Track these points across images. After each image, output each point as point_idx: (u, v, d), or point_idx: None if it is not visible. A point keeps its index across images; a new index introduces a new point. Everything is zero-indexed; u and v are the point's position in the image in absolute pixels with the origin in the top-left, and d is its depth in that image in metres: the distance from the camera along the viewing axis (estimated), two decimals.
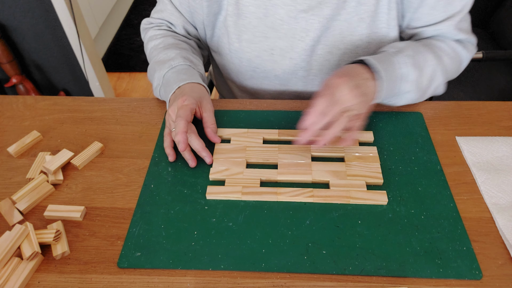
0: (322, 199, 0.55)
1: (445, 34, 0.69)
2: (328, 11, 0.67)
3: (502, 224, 0.52)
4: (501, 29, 1.33)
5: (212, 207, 0.55)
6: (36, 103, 0.74)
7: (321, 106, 0.53)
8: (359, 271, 0.48)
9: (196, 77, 0.67)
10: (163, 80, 0.67)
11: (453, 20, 0.67)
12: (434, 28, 0.68)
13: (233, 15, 0.70)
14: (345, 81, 0.55)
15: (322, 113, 0.53)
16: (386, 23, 0.69)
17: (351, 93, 0.54)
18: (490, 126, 0.66)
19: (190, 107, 0.60)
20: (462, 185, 0.57)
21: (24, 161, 0.63)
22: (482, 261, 0.49)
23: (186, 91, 0.63)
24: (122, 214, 0.55)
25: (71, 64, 1.66)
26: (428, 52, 0.64)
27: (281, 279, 0.48)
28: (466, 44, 0.70)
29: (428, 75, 0.64)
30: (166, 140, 0.62)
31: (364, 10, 0.67)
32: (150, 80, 0.73)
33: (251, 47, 0.73)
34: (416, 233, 0.51)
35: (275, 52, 0.73)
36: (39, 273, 0.49)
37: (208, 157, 0.60)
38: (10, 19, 1.51)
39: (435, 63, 0.64)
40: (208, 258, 0.50)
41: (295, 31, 0.70)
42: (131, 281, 0.48)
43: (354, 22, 0.68)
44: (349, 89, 0.54)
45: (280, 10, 0.68)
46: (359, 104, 0.55)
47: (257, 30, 0.71)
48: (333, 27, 0.69)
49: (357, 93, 0.55)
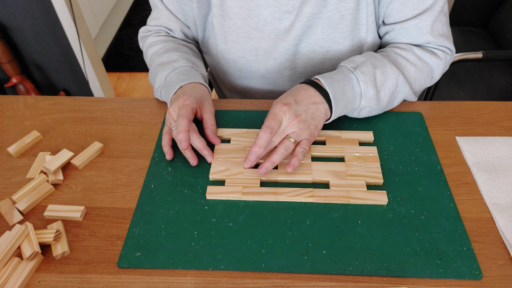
0: (322, 199, 0.55)
1: (412, 34, 0.67)
2: (309, 10, 0.67)
3: (502, 224, 0.52)
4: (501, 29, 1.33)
5: (212, 207, 0.55)
6: (36, 103, 0.74)
7: (263, 139, 0.56)
8: (359, 271, 0.48)
9: (198, 77, 0.67)
10: (165, 81, 0.67)
11: (423, 19, 0.65)
12: (402, 26, 0.66)
13: (218, 16, 0.71)
14: (287, 110, 0.57)
15: (264, 146, 0.57)
16: (366, 19, 0.68)
17: (292, 122, 0.57)
18: (491, 126, 0.66)
19: (191, 106, 0.60)
20: (462, 185, 0.57)
21: (24, 161, 0.63)
22: (482, 262, 0.49)
23: (188, 90, 0.63)
24: (122, 214, 0.55)
25: (71, 64, 1.66)
26: (389, 65, 0.63)
27: (281, 279, 0.48)
28: (436, 50, 0.68)
29: (389, 88, 0.63)
30: (165, 139, 0.62)
31: (345, 8, 0.67)
32: (152, 83, 0.73)
33: (236, 48, 0.74)
34: (416, 233, 0.51)
35: (259, 53, 0.74)
36: (39, 273, 0.49)
37: (209, 156, 0.60)
38: (10, 19, 1.51)
39: (396, 76, 0.63)
40: (208, 258, 0.50)
41: (278, 32, 0.70)
42: (131, 281, 0.48)
43: (336, 20, 0.68)
44: (290, 118, 0.57)
45: (264, 11, 0.69)
46: (299, 131, 0.58)
47: (241, 31, 0.72)
48: (315, 26, 0.69)
49: (298, 120, 0.57)
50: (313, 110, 0.59)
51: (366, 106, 0.63)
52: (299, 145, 0.58)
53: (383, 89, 0.62)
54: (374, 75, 0.61)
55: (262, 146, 0.56)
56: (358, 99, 0.62)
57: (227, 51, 0.75)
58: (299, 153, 0.57)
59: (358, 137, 0.63)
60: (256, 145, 0.56)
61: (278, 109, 0.57)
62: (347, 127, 0.66)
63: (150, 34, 0.79)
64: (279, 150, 0.57)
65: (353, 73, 0.61)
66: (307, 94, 0.59)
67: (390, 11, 0.67)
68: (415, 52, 0.66)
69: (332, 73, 0.62)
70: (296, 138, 0.58)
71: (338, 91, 0.60)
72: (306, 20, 0.68)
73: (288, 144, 0.57)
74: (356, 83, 0.61)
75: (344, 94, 0.60)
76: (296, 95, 0.59)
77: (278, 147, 0.57)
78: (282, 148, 0.57)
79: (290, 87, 0.79)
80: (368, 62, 0.62)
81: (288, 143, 0.57)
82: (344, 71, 0.62)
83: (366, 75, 0.61)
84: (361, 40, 0.71)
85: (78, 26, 1.51)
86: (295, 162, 0.57)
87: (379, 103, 0.63)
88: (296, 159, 0.57)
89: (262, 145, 0.56)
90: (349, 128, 0.66)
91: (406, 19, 0.66)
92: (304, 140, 0.58)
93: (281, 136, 0.58)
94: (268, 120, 0.57)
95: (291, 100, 0.58)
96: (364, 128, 0.66)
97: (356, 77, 0.61)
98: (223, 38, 0.73)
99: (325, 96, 0.59)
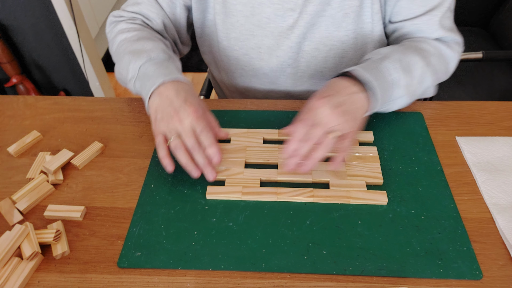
0: (322, 199, 0.55)
1: (424, 30, 0.67)
2: (313, 8, 0.67)
3: (502, 224, 0.52)
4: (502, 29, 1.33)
5: (213, 207, 0.55)
6: (36, 102, 0.74)
7: (300, 132, 0.53)
8: (360, 272, 0.48)
9: (177, 73, 0.61)
10: (138, 72, 0.61)
11: (433, 15, 0.65)
12: (412, 22, 0.67)
13: (221, 14, 0.71)
14: (325, 102, 0.53)
15: (303, 139, 0.53)
16: (371, 18, 0.68)
17: (333, 113, 0.52)
18: (491, 126, 0.66)
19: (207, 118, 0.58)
20: (462, 186, 0.57)
21: (24, 161, 0.63)
22: (482, 262, 0.49)
23: (185, 96, 0.57)
24: (122, 214, 0.55)
25: (71, 64, 1.66)
26: (414, 54, 0.62)
27: (281, 279, 0.48)
28: (450, 43, 0.68)
29: (417, 77, 0.62)
30: (162, 150, 0.56)
31: (349, 5, 0.67)
32: (120, 72, 0.66)
33: (239, 45, 0.74)
34: (417, 233, 0.51)
35: (262, 50, 0.74)
36: (39, 273, 0.49)
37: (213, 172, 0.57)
38: (10, 19, 1.51)
39: (423, 65, 0.62)
40: (208, 258, 0.50)
41: (282, 29, 0.70)
42: (131, 281, 0.48)
43: (339, 18, 0.68)
44: (330, 109, 0.53)
45: (266, 9, 0.69)
46: (343, 123, 0.53)
47: (244, 28, 0.71)
48: (319, 23, 0.69)
49: (339, 112, 0.53)
50: (352, 100, 0.55)
51: (400, 96, 0.61)
52: (344, 139, 0.54)
53: (412, 77, 0.61)
54: (403, 64, 0.60)
55: (297, 140, 0.53)
56: (391, 89, 0.59)
57: (229, 48, 0.75)
58: (345, 148, 0.54)
59: (358, 137, 0.63)
60: (291, 140, 0.53)
61: (314, 102, 0.54)
62: None
63: (122, 20, 0.72)
64: (320, 147, 0.53)
65: (383, 63, 0.59)
66: (343, 85, 0.56)
67: (399, 9, 0.67)
68: (431, 44, 0.66)
69: (361, 65, 0.59)
70: (339, 131, 0.53)
71: (374, 79, 0.57)
72: (310, 18, 0.68)
73: (330, 140, 0.53)
74: (388, 72, 0.58)
75: (380, 83, 0.57)
76: (334, 87, 0.56)
77: (320, 143, 0.53)
78: (324, 144, 0.53)
79: (291, 85, 0.79)
80: (395, 52, 0.62)
81: (330, 139, 0.53)
82: (373, 63, 0.60)
83: (396, 64, 0.59)
84: (364, 38, 0.71)
85: (78, 26, 1.51)
86: (340, 158, 0.54)
87: (410, 92, 0.62)
88: (341, 155, 0.54)
89: (297, 139, 0.53)
90: None
91: (415, 16, 0.66)
92: (349, 134, 0.54)
93: (322, 128, 0.53)
94: (304, 113, 0.54)
95: (329, 92, 0.55)
96: (364, 128, 0.66)
97: (387, 66, 0.59)
98: (226, 36, 0.73)
99: (361, 86, 0.56)
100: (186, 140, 0.55)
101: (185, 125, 0.55)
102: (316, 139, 0.53)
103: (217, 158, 0.56)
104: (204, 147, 0.56)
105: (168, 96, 0.57)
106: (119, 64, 0.66)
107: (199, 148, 0.55)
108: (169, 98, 0.56)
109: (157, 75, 0.59)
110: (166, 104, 0.56)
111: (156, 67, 0.60)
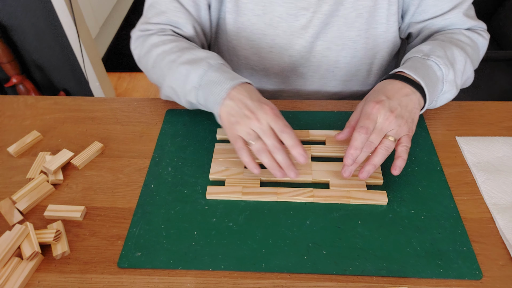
0: (322, 199, 0.55)
1: (455, 23, 0.68)
2: (327, 7, 0.67)
3: (502, 224, 0.52)
4: (502, 29, 1.33)
5: (213, 207, 0.55)
6: (36, 102, 0.74)
7: (359, 140, 0.52)
8: (360, 272, 0.48)
9: (240, 76, 0.59)
10: (201, 80, 0.58)
11: (461, 8, 0.67)
12: (442, 18, 0.68)
13: (233, 12, 0.70)
14: (381, 107, 0.53)
15: (361, 147, 0.53)
16: (386, 19, 0.68)
17: (390, 117, 0.53)
18: (491, 126, 0.66)
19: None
20: (462, 186, 0.57)
21: (24, 161, 0.63)
22: (482, 262, 0.49)
23: (258, 96, 0.56)
24: (122, 214, 0.55)
25: (71, 64, 1.66)
26: (453, 47, 0.63)
27: (281, 280, 0.48)
28: (479, 31, 0.70)
29: (461, 69, 0.62)
30: (245, 154, 0.54)
31: (363, 6, 0.67)
32: (171, 86, 0.63)
33: (249, 44, 0.73)
34: (417, 233, 0.51)
35: (274, 50, 0.73)
36: (39, 273, 0.49)
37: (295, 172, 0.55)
38: (10, 19, 1.51)
39: (464, 56, 0.63)
40: (209, 258, 0.50)
41: (294, 28, 0.70)
42: (131, 281, 0.48)
43: (352, 18, 0.68)
44: (386, 114, 0.53)
45: (278, 8, 0.68)
46: (400, 127, 0.54)
47: (255, 27, 0.71)
48: (332, 23, 0.69)
49: (396, 115, 0.53)
50: (406, 102, 0.55)
51: (447, 91, 0.61)
52: (400, 144, 0.54)
53: (457, 70, 0.61)
54: (448, 58, 0.60)
55: (358, 148, 0.53)
56: (440, 84, 0.60)
57: (239, 47, 0.74)
58: (403, 152, 0.54)
59: None
60: (352, 147, 0.53)
61: (371, 107, 0.54)
62: None
63: (152, 33, 0.68)
64: (379, 151, 0.53)
65: (429, 59, 0.59)
66: (395, 87, 0.56)
67: (425, 8, 0.67)
68: (466, 35, 0.67)
69: (408, 64, 0.60)
70: (396, 136, 0.54)
71: (426, 77, 0.57)
72: (324, 18, 0.68)
73: (388, 144, 0.53)
74: (436, 67, 0.59)
75: (431, 79, 0.58)
76: (386, 91, 0.56)
77: (378, 147, 0.54)
78: (383, 148, 0.53)
79: (301, 85, 0.78)
80: (437, 47, 0.62)
81: (389, 142, 0.53)
82: (419, 60, 0.60)
83: (442, 59, 0.60)
84: (376, 38, 0.71)
85: (78, 26, 1.51)
86: (401, 163, 0.54)
87: (457, 86, 0.63)
88: (401, 159, 0.54)
89: (358, 147, 0.53)
90: None
91: (444, 12, 0.67)
92: (404, 137, 0.54)
93: (380, 135, 0.53)
94: (361, 120, 0.53)
95: (382, 97, 0.55)
96: None
97: (435, 62, 0.59)
98: (236, 35, 0.72)
99: (413, 86, 0.56)
100: (266, 139, 0.53)
101: (264, 124, 0.53)
102: (376, 145, 0.53)
103: (303, 158, 0.53)
104: (286, 146, 0.54)
105: (241, 99, 0.55)
106: (169, 78, 0.62)
107: (282, 148, 0.53)
108: (242, 101, 0.55)
109: (224, 80, 0.57)
110: (241, 107, 0.54)
111: (219, 73, 0.58)
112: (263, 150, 0.53)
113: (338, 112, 0.69)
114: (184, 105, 0.65)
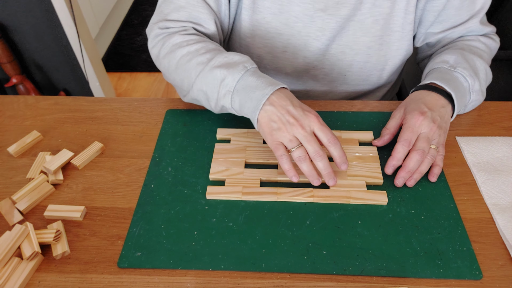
0: (322, 199, 0.55)
1: (472, 31, 0.71)
2: (345, 11, 0.67)
3: (502, 224, 0.52)
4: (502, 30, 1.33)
5: (213, 207, 0.55)
6: (37, 102, 0.74)
7: (401, 153, 0.56)
8: (360, 272, 0.48)
9: (278, 81, 0.58)
10: (236, 85, 0.56)
11: (478, 16, 0.69)
12: (463, 27, 0.70)
13: (249, 9, 0.69)
14: (425, 118, 0.57)
15: (402, 159, 0.56)
16: (401, 27, 0.69)
17: (433, 129, 0.57)
18: (491, 126, 0.66)
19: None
20: (462, 186, 0.57)
21: (24, 161, 0.63)
22: (482, 262, 0.49)
23: (299, 103, 0.56)
24: (122, 214, 0.55)
25: (71, 64, 1.66)
26: (474, 57, 0.66)
27: (281, 279, 0.48)
28: (492, 36, 0.73)
29: (484, 78, 0.66)
30: (287, 162, 0.54)
31: (379, 12, 0.67)
32: (202, 89, 0.60)
33: (263, 43, 0.72)
34: (417, 233, 0.51)
35: (288, 50, 0.72)
36: (39, 273, 0.49)
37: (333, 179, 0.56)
38: (10, 19, 1.51)
39: (484, 65, 0.66)
40: (208, 258, 0.50)
41: (310, 30, 0.69)
42: (131, 281, 0.48)
43: (368, 24, 0.68)
44: (430, 125, 0.56)
45: (296, 8, 0.67)
46: (439, 137, 0.57)
47: (270, 26, 0.70)
48: (348, 27, 0.69)
49: (437, 126, 0.57)
50: (443, 114, 0.59)
51: (473, 100, 0.65)
52: (438, 153, 0.58)
53: (481, 80, 0.64)
54: (472, 69, 0.63)
55: (400, 160, 0.56)
56: (468, 95, 0.63)
57: (253, 45, 0.73)
58: (440, 161, 0.58)
59: (358, 137, 0.63)
60: (394, 158, 0.56)
61: (415, 119, 0.57)
62: (347, 127, 0.66)
63: (174, 32, 0.64)
64: (426, 160, 0.56)
65: (455, 71, 0.63)
66: (433, 99, 0.60)
67: (445, 18, 0.69)
68: (482, 41, 0.70)
69: (438, 75, 0.62)
70: (437, 144, 0.57)
71: (456, 89, 0.60)
72: (342, 22, 0.68)
73: (433, 153, 0.56)
74: (463, 79, 0.62)
75: (459, 91, 0.61)
76: (426, 102, 0.59)
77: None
78: (429, 157, 0.56)
79: (311, 86, 0.78)
80: (461, 58, 0.65)
81: (433, 151, 0.57)
82: (447, 72, 0.63)
83: (467, 70, 0.63)
84: (390, 45, 0.72)
85: (78, 26, 1.51)
86: (438, 171, 0.58)
87: (483, 93, 0.65)
88: (438, 167, 0.58)
89: (400, 159, 0.56)
90: (349, 128, 0.66)
91: (464, 21, 0.69)
92: (440, 147, 0.58)
93: (428, 143, 0.56)
94: (405, 133, 0.56)
95: (424, 108, 0.58)
96: (364, 128, 0.66)
97: (461, 74, 0.62)
98: (251, 33, 0.71)
99: (446, 97, 0.60)
100: (309, 146, 0.53)
101: (308, 132, 0.53)
102: (427, 154, 0.56)
103: (345, 166, 0.55)
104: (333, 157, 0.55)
105: (282, 104, 0.54)
106: (200, 81, 0.59)
107: (324, 154, 0.54)
108: (284, 107, 0.54)
109: (263, 85, 0.55)
110: (283, 113, 0.54)
111: (256, 78, 0.56)
112: (305, 158, 0.53)
113: (344, 112, 0.69)
114: (212, 109, 0.62)
